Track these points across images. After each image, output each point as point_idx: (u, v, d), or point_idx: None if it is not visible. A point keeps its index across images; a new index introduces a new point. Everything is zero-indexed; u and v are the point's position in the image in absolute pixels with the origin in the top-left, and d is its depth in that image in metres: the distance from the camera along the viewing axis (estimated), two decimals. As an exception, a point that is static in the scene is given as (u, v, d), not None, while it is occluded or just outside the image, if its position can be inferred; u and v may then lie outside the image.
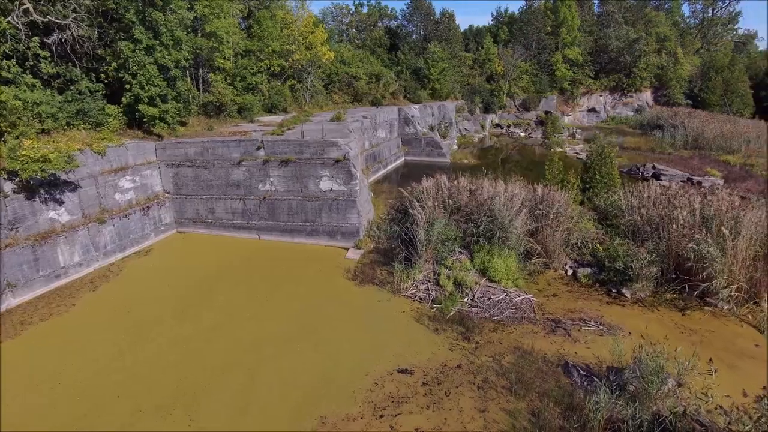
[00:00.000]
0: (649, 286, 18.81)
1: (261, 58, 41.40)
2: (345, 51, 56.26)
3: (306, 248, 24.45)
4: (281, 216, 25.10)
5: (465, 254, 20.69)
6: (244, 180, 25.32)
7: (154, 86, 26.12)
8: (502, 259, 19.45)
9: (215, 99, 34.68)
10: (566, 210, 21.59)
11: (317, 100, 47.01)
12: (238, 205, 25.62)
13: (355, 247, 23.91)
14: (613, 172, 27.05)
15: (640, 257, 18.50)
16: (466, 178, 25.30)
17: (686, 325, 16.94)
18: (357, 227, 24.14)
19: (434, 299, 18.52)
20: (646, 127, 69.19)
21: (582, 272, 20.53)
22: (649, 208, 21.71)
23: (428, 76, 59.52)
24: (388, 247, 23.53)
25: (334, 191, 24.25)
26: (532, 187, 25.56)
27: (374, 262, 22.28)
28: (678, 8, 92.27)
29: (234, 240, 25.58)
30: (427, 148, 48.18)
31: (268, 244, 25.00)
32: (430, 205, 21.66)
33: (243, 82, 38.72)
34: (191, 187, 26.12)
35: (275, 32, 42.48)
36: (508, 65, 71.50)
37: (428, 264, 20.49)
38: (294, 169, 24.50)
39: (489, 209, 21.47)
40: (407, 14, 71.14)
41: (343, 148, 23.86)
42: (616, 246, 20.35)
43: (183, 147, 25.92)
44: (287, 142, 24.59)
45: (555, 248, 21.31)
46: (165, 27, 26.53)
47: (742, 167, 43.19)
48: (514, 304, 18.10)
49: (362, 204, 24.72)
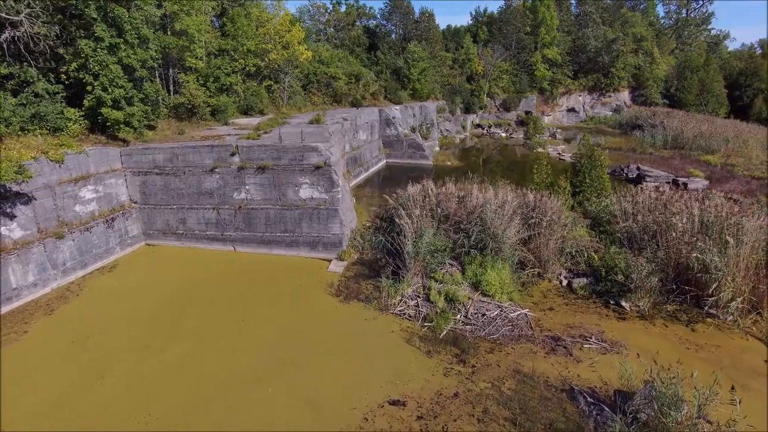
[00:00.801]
0: (648, 297, 17.92)
1: (235, 58, 39.54)
2: (323, 50, 54.64)
3: (285, 261, 22.91)
4: (258, 226, 23.51)
5: (456, 266, 19.50)
6: (217, 188, 23.63)
7: (118, 88, 24.21)
8: (495, 271, 18.31)
9: (187, 101, 32.76)
10: (560, 217, 20.60)
11: (295, 101, 45.31)
12: (211, 215, 23.91)
13: (338, 259, 22.49)
14: (603, 175, 26.27)
15: (640, 267, 17.58)
16: (453, 183, 24.16)
17: (691, 339, 16.05)
18: (340, 237, 22.73)
19: (425, 317, 17.25)
20: (625, 126, 69.54)
21: (578, 283, 19.54)
22: (645, 214, 20.88)
23: (408, 76, 58.36)
24: (373, 258, 22.19)
25: (314, 199, 22.78)
26: (521, 192, 24.66)
27: (359, 275, 20.90)
28: (653, 9, 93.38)
29: (207, 253, 23.86)
30: (409, 150, 47.00)
31: (245, 257, 23.37)
32: (417, 214, 20.39)
33: (216, 83, 36.85)
34: (160, 197, 24.29)
35: (250, 31, 40.69)
36: (488, 65, 70.93)
37: (417, 277, 19.22)
38: (271, 176, 22.93)
39: (480, 218, 20.33)
40: (386, 13, 69.88)
41: (323, 153, 22.41)
42: (612, 255, 19.43)
43: (151, 153, 24.07)
44: (264, 147, 23.01)
45: (549, 258, 20.30)
46: (129, 24, 24.65)
47: (723, 167, 43.27)
48: (510, 321, 16.97)
49: (345, 212, 23.32)
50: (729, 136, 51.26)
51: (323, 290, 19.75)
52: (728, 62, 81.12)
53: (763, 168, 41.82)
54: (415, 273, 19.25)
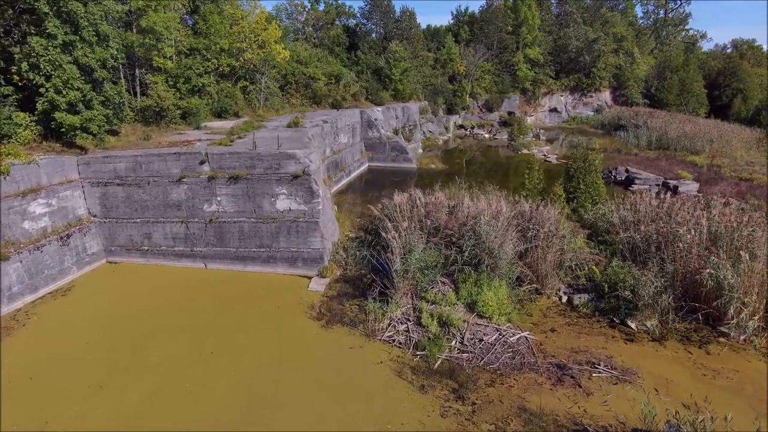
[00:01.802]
0: (657, 316, 16.61)
1: (208, 58, 37.32)
2: (301, 50, 52.58)
3: (262, 278, 21.00)
4: (231, 241, 21.55)
5: (448, 284, 17.90)
6: (186, 200, 21.58)
7: (73, 90, 21.98)
8: (492, 290, 16.76)
9: (154, 103, 30.49)
10: (558, 228, 19.19)
11: (272, 103, 43.22)
12: (179, 229, 21.85)
13: (319, 276, 20.69)
14: (598, 180, 25.03)
15: (648, 284, 16.25)
16: (442, 192, 22.61)
17: (706, 363, 14.75)
18: (321, 252, 20.92)
19: (417, 344, 15.60)
20: (607, 127, 69.14)
21: (579, 299, 18.14)
22: (647, 224, 19.61)
23: (390, 77, 56.68)
24: (358, 273, 20.47)
25: (292, 211, 20.93)
26: (513, 199, 23.28)
27: (342, 294, 19.14)
28: (632, 9, 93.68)
29: (175, 271, 21.78)
30: (392, 152, 45.35)
31: (217, 275, 21.37)
32: (405, 227, 18.73)
33: (187, 84, 34.57)
34: (123, 210, 22.12)
35: (223, 29, 38.50)
36: (470, 65, 69.76)
37: (407, 297, 17.56)
38: (245, 186, 21.00)
39: (473, 230, 18.78)
40: (366, 12, 68.01)
41: (302, 161, 20.58)
42: (616, 270, 18.09)
43: (111, 162, 21.88)
44: (236, 154, 21.05)
45: (547, 272, 18.86)
46: (86, 20, 22.44)
47: (710, 168, 42.73)
48: (510, 346, 15.43)
49: (326, 225, 21.53)
50: (713, 137, 50.95)
51: (303, 313, 17.93)
52: (706, 62, 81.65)
53: (750, 169, 41.48)
54: (404, 293, 17.58)
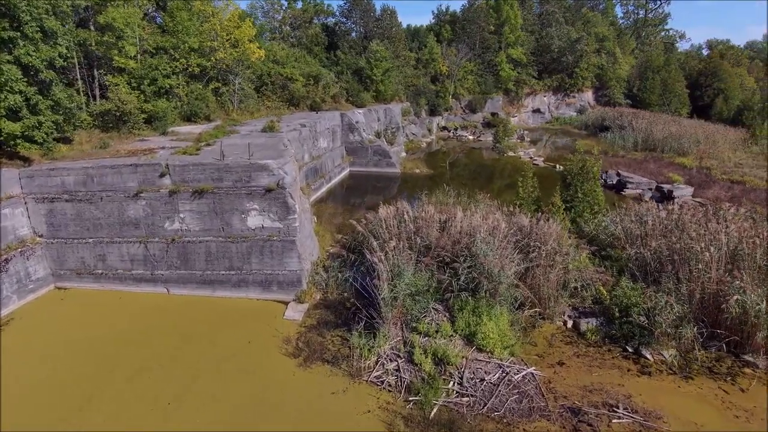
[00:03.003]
0: (677, 345, 14.90)
1: (176, 57, 34.64)
2: (278, 49, 50.12)
3: (232, 305, 18.68)
4: (197, 263, 19.17)
5: (442, 312, 15.90)
6: (144, 217, 19.13)
7: (13, 93, 19.35)
8: (492, 320, 14.82)
9: (114, 107, 27.81)
10: (560, 245, 17.37)
11: (247, 105, 40.68)
12: (137, 250, 19.38)
13: (296, 301, 18.46)
14: (597, 188, 23.36)
15: (666, 309, 14.52)
16: (431, 202, 20.63)
17: (736, 402, 13.05)
18: (298, 275, 18.70)
19: (409, 386, 13.55)
20: (591, 127, 68.37)
21: (586, 325, 16.33)
22: (656, 238, 17.94)
23: (371, 77, 54.59)
24: (340, 298, 18.34)
25: (266, 229, 18.66)
26: (506, 210, 21.47)
27: (323, 323, 16.97)
28: (612, 9, 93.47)
29: (134, 297, 19.30)
30: (375, 157, 43.25)
31: (181, 302, 18.96)
32: (393, 246, 16.66)
33: (153, 86, 31.92)
34: (73, 228, 19.54)
35: (192, 26, 35.85)
36: (453, 65, 68.17)
37: (396, 328, 15.50)
38: (212, 201, 18.65)
39: (468, 249, 16.83)
40: (345, 10, 65.84)
41: (275, 172, 18.34)
42: (626, 290, 16.34)
43: (58, 174, 19.29)
44: (201, 166, 18.68)
45: (550, 294, 17.02)
46: (29, 15, 19.86)
47: (700, 170, 41.79)
48: (515, 386, 13.50)
49: (304, 243, 19.33)
50: (699, 138, 50.26)
51: (278, 348, 15.70)
52: (687, 62, 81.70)
53: (740, 171, 40.63)
54: (393, 322, 15.53)
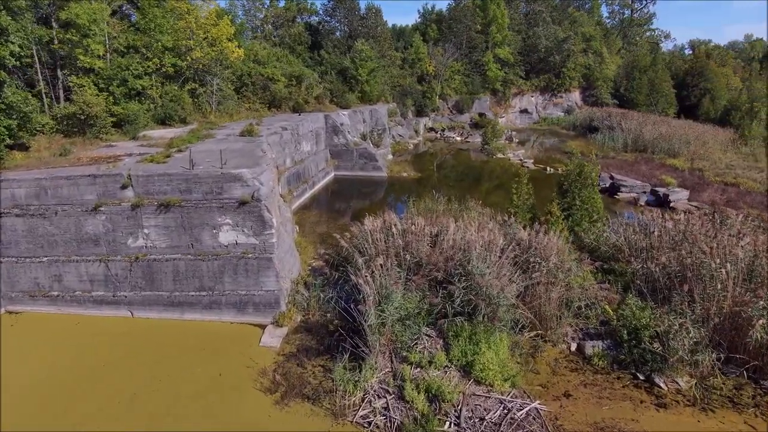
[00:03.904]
0: (689, 369, 13.60)
1: (149, 57, 32.64)
2: (259, 49, 48.23)
3: (202, 329, 16.91)
4: (164, 283, 17.38)
5: (435, 338, 14.37)
6: (105, 233, 17.28)
7: (-44, 96, 17.44)
8: (492, 349, 13.34)
9: (79, 110, 25.79)
10: (563, 261, 15.98)
11: (226, 107, 38.74)
12: (98, 269, 17.51)
13: (274, 324, 16.78)
14: (595, 195, 22.07)
15: (681, 334, 13.17)
16: (420, 212, 19.12)
17: (763, 439, 11.78)
18: (276, 295, 17.01)
19: (399, 427, 11.99)
20: (579, 128, 67.66)
21: (592, 348, 14.94)
22: (664, 251, 16.64)
23: (356, 77, 52.93)
24: (322, 320, 16.72)
25: (240, 245, 16.95)
26: (501, 219, 20.13)
27: (303, 351, 15.32)
28: (598, 8, 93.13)
29: (94, 322, 17.42)
30: (360, 160, 41.62)
31: (146, 326, 17.14)
32: (380, 264, 15.10)
33: (123, 87, 29.95)
34: (24, 246, 17.60)
35: (166, 24, 33.90)
36: (440, 65, 66.82)
37: (384, 358, 13.94)
38: (179, 215, 16.88)
39: (462, 266, 15.35)
40: (329, 9, 64.04)
41: (250, 183, 16.64)
42: (634, 310, 14.99)
43: (7, 186, 17.32)
44: (167, 176, 16.90)
45: (552, 314, 15.61)
46: (-27, 9, 17.93)
47: (692, 172, 41.04)
48: (519, 425, 12.02)
49: (283, 260, 17.65)
50: (689, 138, 49.61)
51: (252, 382, 14.01)
52: (673, 62, 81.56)
53: (732, 173, 39.92)
54: (381, 351, 13.96)
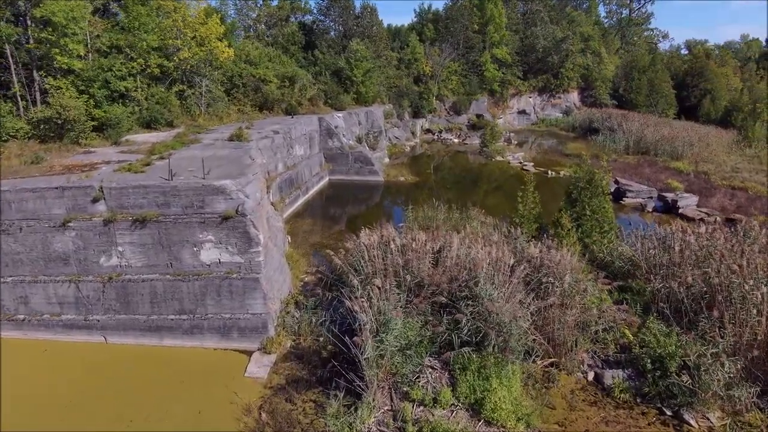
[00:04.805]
0: (722, 402, 12.23)
1: (133, 57, 31.03)
2: (251, 49, 46.65)
3: (183, 357, 15.38)
4: (140, 306, 15.83)
5: (439, 370, 12.92)
6: (74, 251, 15.72)
7: None
8: (503, 385, 11.89)
9: (55, 114, 24.19)
10: (579, 281, 14.59)
11: (216, 110, 37.12)
12: (68, 290, 15.95)
13: (262, 351, 15.27)
14: (606, 205, 20.69)
15: (717, 367, 11.79)
16: (421, 228, 17.68)
17: (813, 491, 10.41)
18: (263, 319, 15.50)
19: (401, 479, 10.58)
20: (578, 129, 66.52)
21: (612, 378, 13.52)
22: (687, 268, 15.27)
23: (351, 78, 51.42)
24: (314, 345, 15.25)
25: (223, 264, 15.45)
26: (506, 230, 18.73)
27: (293, 382, 13.82)
28: (595, 8, 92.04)
29: (63, 348, 15.84)
30: (356, 164, 40.14)
31: (120, 353, 15.58)
32: (378, 286, 13.64)
33: (105, 89, 28.36)
34: (-13, 265, 16.08)
35: (151, 22, 32.32)
36: (437, 65, 65.45)
37: (383, 393, 12.46)
38: (157, 231, 15.36)
39: (467, 287, 13.93)
40: (323, 8, 62.59)
41: (234, 196, 15.14)
42: (658, 336, 13.60)
43: (-32, 200, 15.80)
44: (143, 188, 15.36)
45: (566, 340, 14.21)
46: (-68, 5, 16.32)
47: (697, 175, 39.88)
48: (537, 474, 10.63)
49: (271, 279, 16.15)
50: (693, 140, 48.46)
51: (236, 422, 12.49)
52: (672, 62, 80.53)
53: (739, 176, 38.73)
54: (380, 386, 12.50)
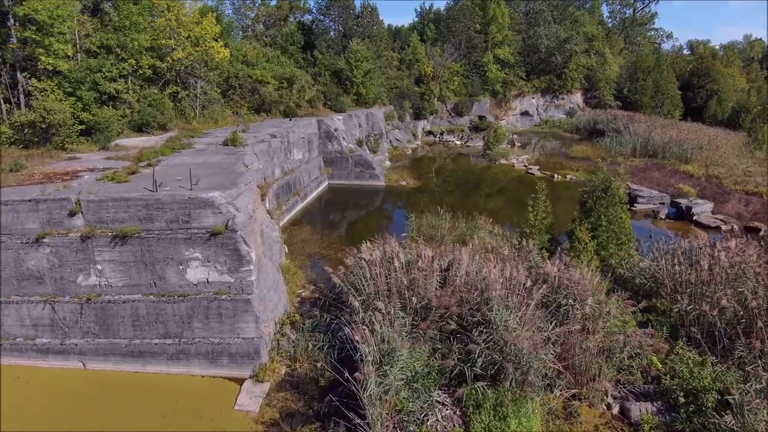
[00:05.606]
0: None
1: (124, 57, 29.75)
2: (248, 49, 45.40)
3: (167, 385, 14.07)
4: (122, 329, 14.52)
5: (450, 407, 11.61)
6: (50, 269, 14.41)
7: None
8: (522, 424, 10.59)
9: (39, 118, 22.90)
10: (602, 304, 13.28)
11: (211, 112, 35.80)
12: (43, 312, 14.64)
13: (253, 379, 13.95)
14: (623, 215, 19.40)
15: (762, 405, 10.50)
16: (427, 244, 16.37)
17: None
18: (256, 344, 14.18)
19: None
20: (583, 131, 65.23)
21: (641, 413, 12.20)
22: (719, 288, 13.95)
23: (351, 79, 50.14)
24: (312, 372, 13.93)
25: (212, 284, 14.14)
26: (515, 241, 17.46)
27: (287, 417, 12.50)
28: (598, 8, 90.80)
29: (37, 375, 14.54)
30: (356, 168, 38.86)
31: (99, 381, 14.26)
32: (382, 311, 12.34)
33: (94, 92, 27.06)
34: (-45, 284, 14.77)
35: (143, 21, 31.03)
36: (438, 66, 64.15)
37: (387, 433, 11.17)
38: (139, 248, 14.05)
39: (479, 311, 12.63)
40: (323, 7, 61.31)
41: (223, 210, 13.84)
42: (690, 365, 12.29)
43: (-67, 213, 14.49)
44: (124, 201, 14.06)
45: (588, 368, 12.90)
46: None
47: (708, 179, 38.60)
48: None
49: (264, 299, 14.84)
50: (702, 143, 47.13)
51: (223, 465, 11.25)
52: (677, 63, 79.28)
53: (752, 181, 37.35)
54: (383, 425, 11.19)
